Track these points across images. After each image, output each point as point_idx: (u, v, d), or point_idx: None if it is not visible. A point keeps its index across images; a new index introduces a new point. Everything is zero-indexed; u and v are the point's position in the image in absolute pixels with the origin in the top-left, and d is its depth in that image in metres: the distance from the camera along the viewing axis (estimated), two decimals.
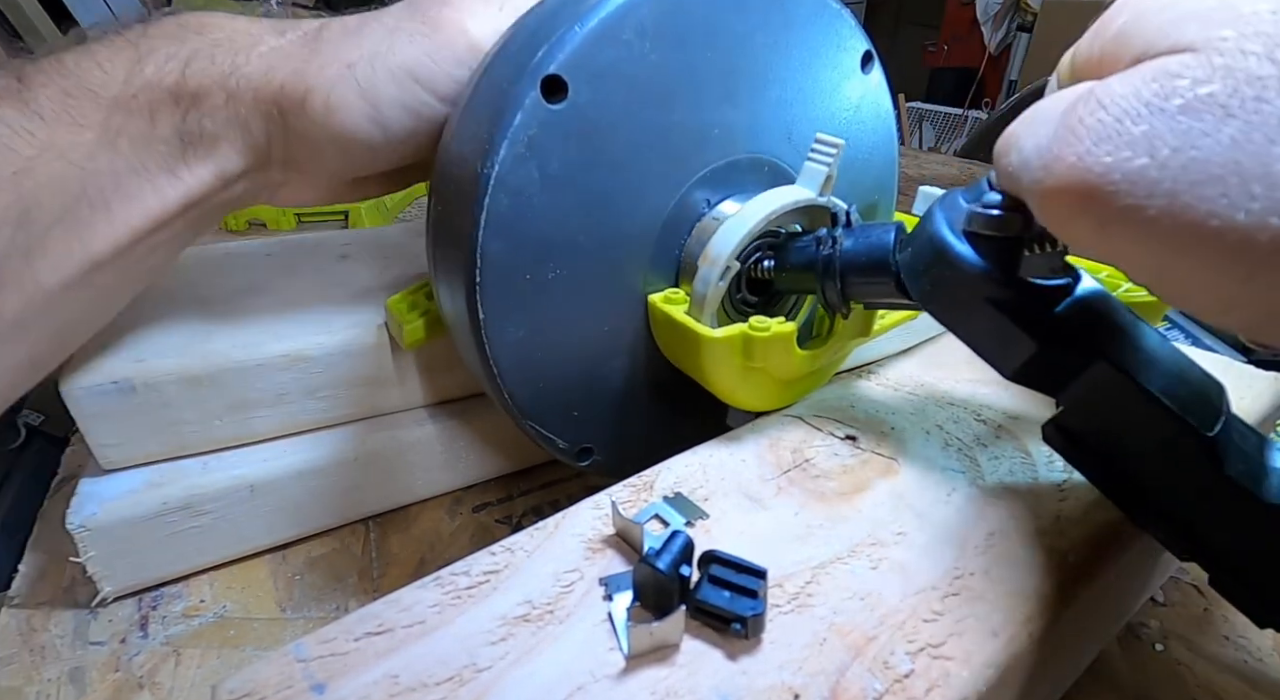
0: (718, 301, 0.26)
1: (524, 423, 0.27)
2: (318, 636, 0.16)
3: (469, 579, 0.19)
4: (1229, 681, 0.27)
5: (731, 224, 0.25)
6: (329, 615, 0.30)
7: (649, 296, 0.27)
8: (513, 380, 0.26)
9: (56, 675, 0.27)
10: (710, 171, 0.27)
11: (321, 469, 0.33)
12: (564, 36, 0.22)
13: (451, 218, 0.24)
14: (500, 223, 0.23)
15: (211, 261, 0.40)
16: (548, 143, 0.23)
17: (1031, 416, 0.28)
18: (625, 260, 0.26)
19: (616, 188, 0.25)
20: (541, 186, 0.23)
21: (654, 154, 0.25)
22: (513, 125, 0.22)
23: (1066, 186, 0.14)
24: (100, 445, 0.30)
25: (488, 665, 0.16)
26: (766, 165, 0.29)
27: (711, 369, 0.25)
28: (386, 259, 0.41)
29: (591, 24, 0.22)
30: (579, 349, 0.27)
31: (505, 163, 0.22)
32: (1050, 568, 0.20)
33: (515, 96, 0.22)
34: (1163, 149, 0.13)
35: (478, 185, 0.22)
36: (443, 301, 0.27)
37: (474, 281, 0.23)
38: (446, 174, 0.25)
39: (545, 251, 0.24)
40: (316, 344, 0.32)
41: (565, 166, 0.23)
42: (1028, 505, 0.23)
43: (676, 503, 0.22)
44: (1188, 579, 0.32)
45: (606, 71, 0.23)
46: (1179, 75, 0.13)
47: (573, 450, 0.28)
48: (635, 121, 0.24)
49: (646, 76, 0.24)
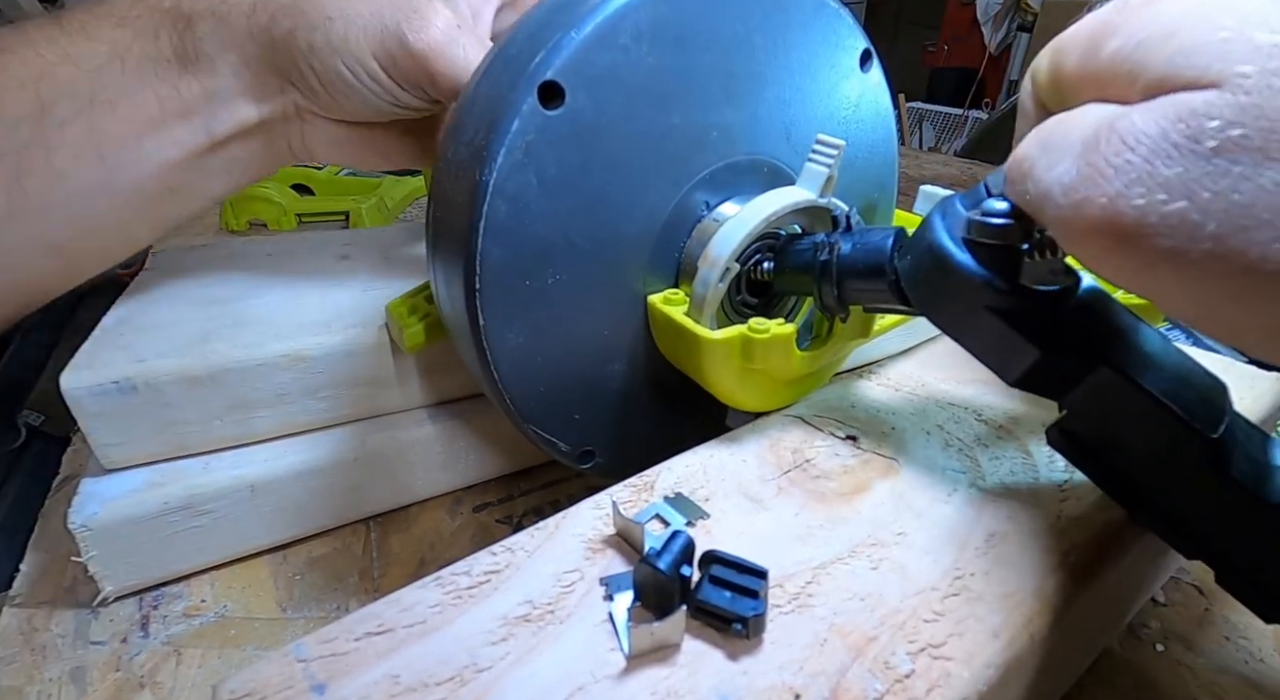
0: (717, 303, 0.25)
1: (525, 427, 0.27)
2: (318, 636, 0.17)
3: (470, 579, 0.19)
4: (1229, 681, 0.27)
5: (731, 226, 0.25)
6: (329, 615, 0.30)
7: (649, 298, 0.27)
8: (513, 385, 0.26)
9: (57, 675, 0.27)
10: (709, 173, 0.27)
11: (322, 469, 0.33)
12: (560, 42, 0.22)
13: (451, 223, 0.24)
14: (499, 229, 0.23)
15: (212, 261, 0.40)
16: (545, 149, 0.23)
17: (1032, 417, 0.28)
18: (625, 263, 0.26)
19: (615, 191, 0.25)
20: (540, 192, 0.23)
21: (652, 157, 0.25)
22: (510, 132, 0.22)
23: (1100, 228, 0.14)
24: (101, 445, 0.30)
25: (488, 665, 0.16)
26: (766, 166, 0.29)
27: (711, 370, 0.25)
28: (387, 259, 0.41)
29: (588, 29, 0.22)
30: (579, 352, 0.27)
31: (503, 170, 0.22)
32: (1051, 568, 0.20)
33: (512, 103, 0.22)
34: (1202, 193, 0.13)
35: (476, 192, 0.22)
36: (443, 306, 0.27)
37: (474, 288, 0.23)
38: (445, 179, 0.25)
39: (544, 256, 0.24)
40: (317, 344, 0.32)
41: (563, 172, 0.23)
42: (1029, 506, 0.23)
43: (677, 503, 0.22)
44: (1188, 579, 0.32)
45: (604, 77, 0.23)
46: (1207, 116, 0.13)
47: (574, 453, 0.28)
48: (633, 125, 0.24)
49: (644, 80, 0.24)
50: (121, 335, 0.32)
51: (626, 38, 0.23)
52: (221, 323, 0.33)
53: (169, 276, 0.38)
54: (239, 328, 0.33)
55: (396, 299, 0.33)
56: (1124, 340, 0.19)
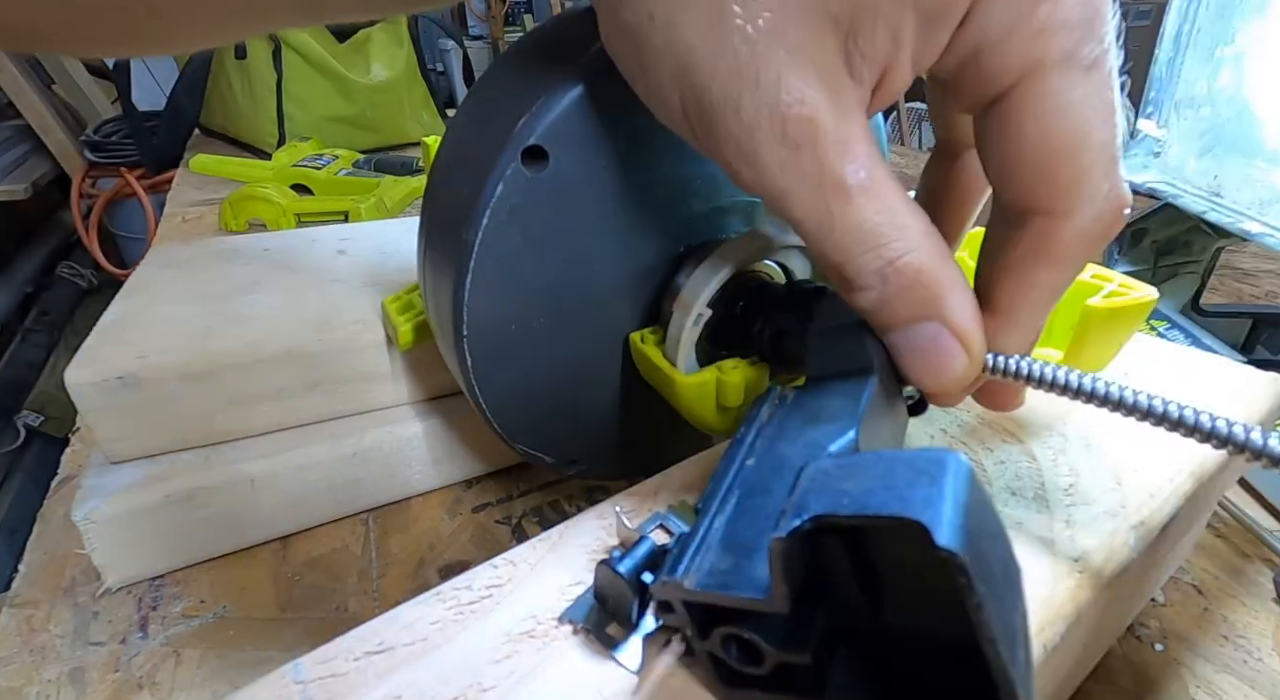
0: (691, 345, 0.26)
1: (514, 446, 0.28)
2: (316, 656, 0.16)
3: (471, 593, 0.18)
4: (1229, 681, 0.27)
5: (700, 272, 0.25)
6: (328, 616, 0.30)
7: (630, 336, 0.27)
8: (500, 413, 0.26)
9: (56, 675, 0.27)
10: (693, 218, 0.27)
11: (321, 463, 0.33)
12: (545, 105, 0.22)
13: (439, 271, 0.25)
14: (485, 282, 0.23)
15: (211, 258, 0.40)
16: (529, 209, 0.23)
17: (1037, 420, 0.28)
18: (608, 306, 0.26)
19: (598, 243, 0.25)
20: (524, 247, 0.23)
21: (636, 209, 0.25)
22: (494, 196, 0.22)
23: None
24: (105, 439, 0.31)
25: (492, 684, 0.16)
26: (751, 207, 0.28)
27: (687, 407, 0.26)
28: (384, 254, 0.41)
29: (573, 93, 0.22)
30: (564, 384, 0.27)
31: (488, 231, 0.22)
32: (1060, 574, 0.20)
33: (497, 166, 0.22)
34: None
35: (462, 251, 0.23)
36: (435, 333, 0.28)
37: (461, 334, 0.24)
38: (433, 229, 0.26)
39: (529, 304, 0.25)
40: (316, 340, 0.33)
41: (547, 228, 0.24)
42: (1035, 510, 0.23)
43: (681, 511, 0.22)
44: (1188, 579, 0.32)
45: (587, 138, 0.23)
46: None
47: (560, 463, 0.29)
48: (617, 180, 0.24)
49: (628, 136, 0.24)
50: (123, 331, 0.32)
51: (612, 97, 0.23)
52: (222, 319, 0.34)
53: (168, 272, 0.38)
54: (239, 324, 0.33)
55: (391, 297, 0.33)
56: None
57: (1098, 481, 0.24)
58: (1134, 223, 0.53)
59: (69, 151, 1.30)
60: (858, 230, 0.16)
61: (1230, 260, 0.70)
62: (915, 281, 0.17)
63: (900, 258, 0.17)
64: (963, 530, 0.11)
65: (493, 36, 1.90)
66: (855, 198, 0.16)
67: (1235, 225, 0.44)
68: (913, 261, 0.17)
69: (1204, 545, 0.34)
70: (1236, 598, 0.31)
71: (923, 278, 0.17)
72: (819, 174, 0.16)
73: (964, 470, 0.12)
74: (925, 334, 0.17)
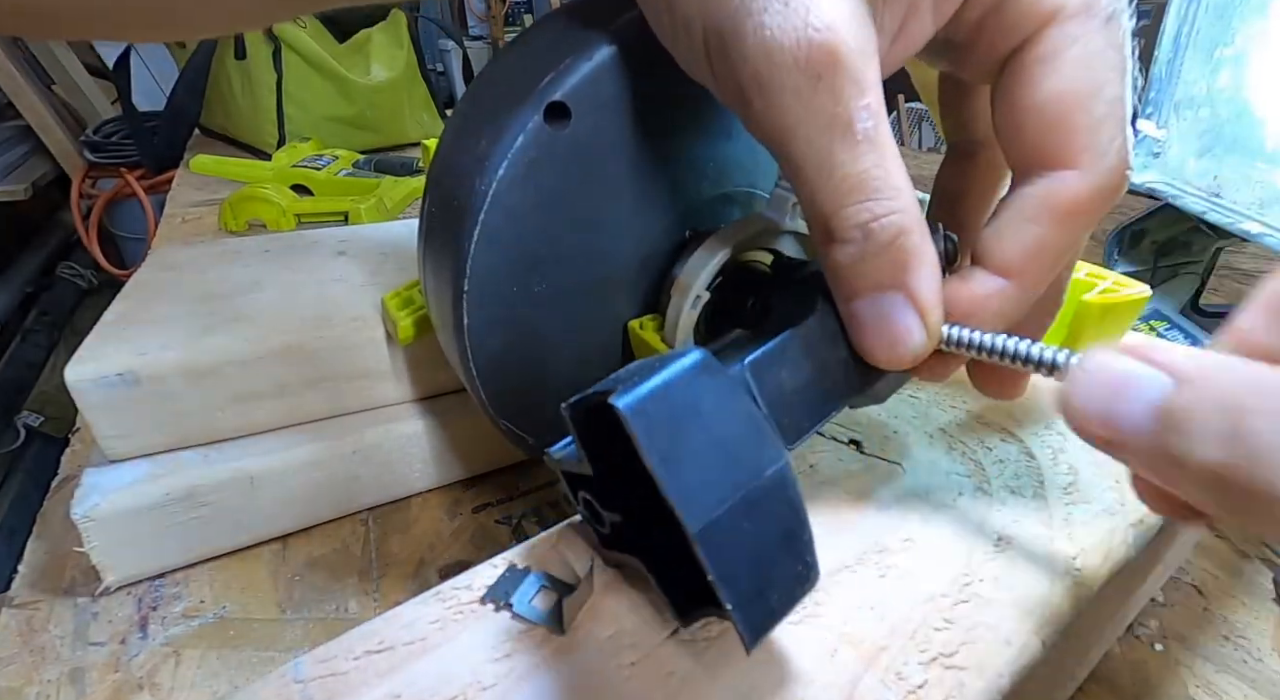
0: (690, 329, 0.26)
1: (498, 421, 0.27)
2: (316, 656, 0.16)
3: (471, 593, 0.18)
4: (1229, 681, 0.27)
5: (699, 255, 0.25)
6: (329, 616, 0.30)
7: (629, 322, 0.27)
8: (490, 383, 0.26)
9: (56, 676, 0.27)
10: (700, 202, 0.27)
11: (321, 461, 0.33)
12: (572, 64, 0.22)
13: (445, 227, 0.24)
14: (492, 237, 0.23)
15: (212, 258, 0.41)
16: (545, 166, 0.23)
17: (1035, 419, 0.28)
18: (610, 280, 0.26)
19: (607, 211, 0.25)
20: (536, 205, 0.23)
21: (647, 183, 0.25)
22: (513, 147, 0.22)
23: None
24: (104, 436, 0.31)
25: (492, 683, 0.16)
26: (756, 198, 0.28)
27: None
28: (383, 254, 0.41)
29: (603, 54, 0.22)
30: (558, 359, 0.27)
31: (503, 182, 0.22)
32: (1059, 573, 0.20)
33: (519, 118, 0.22)
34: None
35: (473, 200, 0.23)
36: (430, 301, 0.28)
37: (461, 291, 0.24)
38: (443, 183, 0.25)
39: (533, 266, 0.24)
40: (316, 337, 0.33)
41: (560, 188, 0.23)
42: (1034, 509, 0.23)
43: None
44: (1188, 579, 0.32)
45: (611, 102, 0.23)
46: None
47: (542, 447, 0.29)
48: (633, 150, 0.24)
49: (651, 108, 0.24)
50: (124, 329, 0.32)
51: (639, 66, 0.23)
52: (222, 317, 0.34)
53: (168, 273, 0.38)
54: (239, 321, 0.33)
55: (391, 292, 0.33)
56: None
57: (1096, 480, 0.24)
58: (1134, 223, 0.53)
59: (69, 152, 1.30)
60: (854, 178, 0.16)
61: (1230, 261, 0.70)
62: (893, 242, 0.17)
63: (887, 215, 0.17)
64: (645, 399, 0.13)
65: (493, 36, 1.90)
66: (859, 144, 0.16)
67: (1235, 226, 0.44)
68: (897, 222, 0.17)
69: (1204, 545, 0.33)
70: (1236, 597, 0.31)
71: (900, 240, 0.17)
72: (831, 111, 0.16)
73: (690, 361, 0.15)
74: (887, 304, 0.18)
